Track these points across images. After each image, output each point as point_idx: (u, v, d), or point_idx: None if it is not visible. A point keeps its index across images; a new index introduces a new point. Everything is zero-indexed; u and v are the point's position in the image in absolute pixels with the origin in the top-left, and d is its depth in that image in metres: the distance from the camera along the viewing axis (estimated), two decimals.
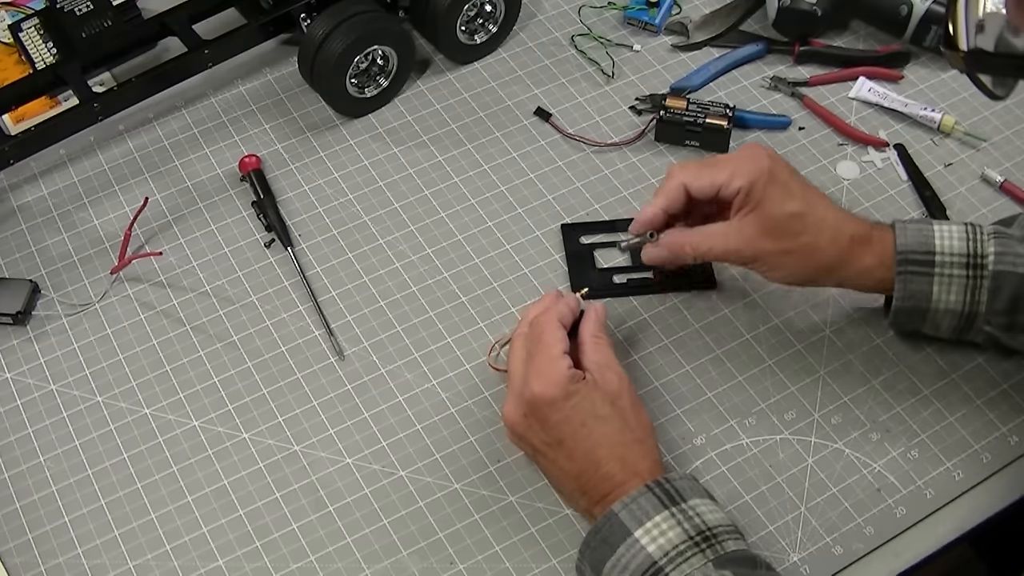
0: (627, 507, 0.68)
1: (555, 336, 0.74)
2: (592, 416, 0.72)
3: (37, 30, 1.00)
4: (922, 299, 0.78)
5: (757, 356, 0.85)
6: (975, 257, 0.77)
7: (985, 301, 0.77)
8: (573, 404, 0.72)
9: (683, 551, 0.66)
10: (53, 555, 0.75)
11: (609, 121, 0.99)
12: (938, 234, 0.77)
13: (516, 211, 0.93)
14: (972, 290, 0.77)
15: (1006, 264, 0.76)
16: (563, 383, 0.72)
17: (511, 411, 0.74)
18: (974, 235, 0.77)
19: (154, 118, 0.99)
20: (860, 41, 1.05)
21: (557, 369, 0.72)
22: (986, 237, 0.77)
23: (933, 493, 0.78)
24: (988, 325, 0.78)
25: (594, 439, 0.72)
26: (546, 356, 0.73)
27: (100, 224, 0.93)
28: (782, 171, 0.79)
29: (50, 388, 0.83)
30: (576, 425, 0.72)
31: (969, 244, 0.77)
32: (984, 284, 0.77)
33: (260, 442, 0.81)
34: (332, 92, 0.97)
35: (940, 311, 0.78)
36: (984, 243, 0.77)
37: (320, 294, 0.88)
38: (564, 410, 0.72)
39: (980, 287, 0.77)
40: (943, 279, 0.77)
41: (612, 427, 0.72)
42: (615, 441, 0.72)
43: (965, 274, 0.77)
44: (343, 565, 0.75)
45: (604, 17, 1.07)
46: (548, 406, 0.72)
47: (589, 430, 0.72)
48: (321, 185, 0.95)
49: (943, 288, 0.77)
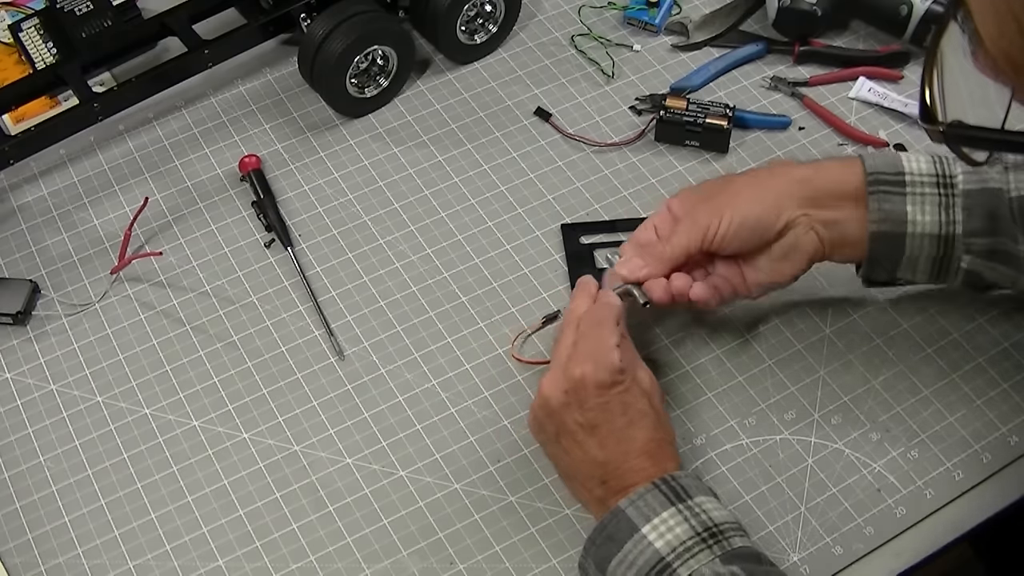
0: (634, 503, 0.69)
1: (613, 329, 0.75)
2: (633, 407, 0.73)
3: (37, 30, 1.00)
4: (898, 219, 0.77)
5: (757, 356, 0.85)
6: (944, 177, 0.77)
7: (961, 220, 0.76)
8: (617, 392, 0.72)
9: (691, 547, 0.66)
10: (53, 555, 0.75)
11: (609, 121, 0.99)
12: (905, 158, 0.78)
13: (516, 211, 0.93)
14: (946, 208, 0.77)
15: (974, 182, 0.77)
16: (614, 370, 0.72)
17: (551, 385, 0.74)
18: (940, 161, 0.78)
19: (154, 118, 0.99)
20: (860, 41, 1.05)
21: (610, 357, 0.73)
22: (952, 161, 0.78)
23: (933, 493, 0.78)
24: (968, 254, 0.77)
25: (630, 431, 0.72)
26: (602, 342, 0.74)
27: (100, 224, 0.93)
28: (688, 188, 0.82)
29: (50, 388, 0.83)
30: (616, 413, 0.72)
31: (936, 166, 0.78)
32: (957, 202, 0.77)
33: (260, 442, 0.81)
34: (332, 92, 0.97)
35: (917, 235, 0.77)
36: (951, 165, 0.78)
37: (320, 294, 0.88)
38: (607, 396, 0.72)
39: (953, 205, 0.77)
40: (915, 197, 0.77)
41: (648, 422, 0.73)
42: (648, 437, 0.72)
43: (937, 192, 0.77)
44: (343, 565, 0.75)
45: (604, 17, 1.07)
46: (595, 388, 0.72)
47: (628, 420, 0.72)
48: (321, 185, 0.95)
49: (917, 206, 0.77)
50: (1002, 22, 0.47)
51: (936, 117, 0.58)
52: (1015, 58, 0.48)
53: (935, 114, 0.58)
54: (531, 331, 0.86)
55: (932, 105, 0.58)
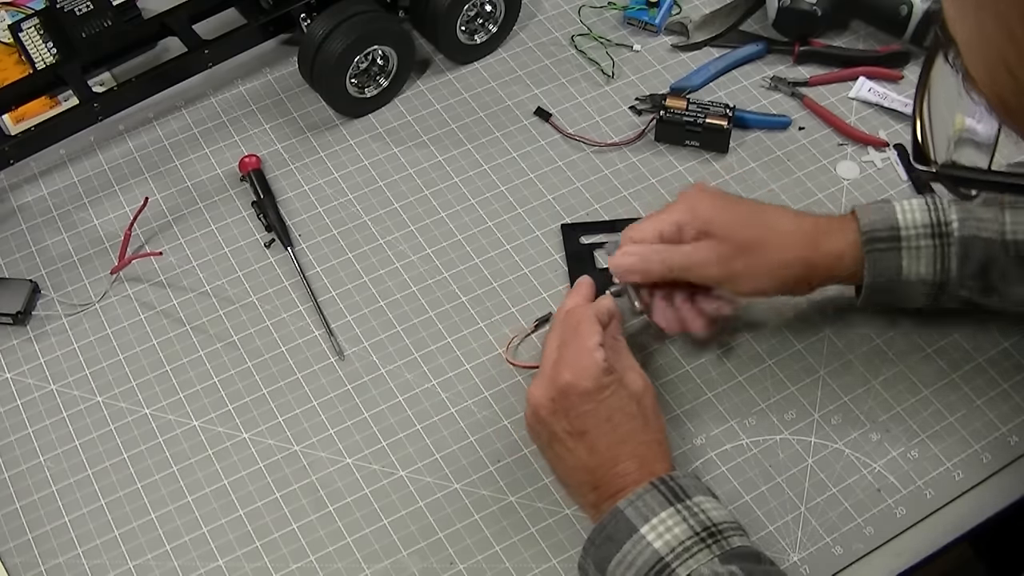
0: (632, 504, 0.69)
1: (592, 328, 0.74)
2: (619, 412, 0.72)
3: (37, 30, 1.00)
4: (892, 273, 0.78)
5: (757, 356, 0.85)
6: (939, 226, 0.77)
7: (955, 268, 0.77)
8: (603, 398, 0.72)
9: (689, 547, 0.66)
10: (53, 555, 0.75)
11: (609, 121, 0.99)
12: (899, 209, 0.78)
13: (516, 211, 0.93)
14: (941, 258, 0.77)
15: (970, 229, 0.77)
16: (597, 375, 0.72)
17: (539, 393, 0.74)
18: (935, 205, 0.78)
19: (154, 118, 0.99)
20: (860, 41, 1.05)
21: (592, 361, 0.72)
22: (947, 205, 0.78)
23: (933, 493, 0.78)
24: (963, 290, 0.78)
25: (618, 435, 0.72)
26: (582, 346, 0.73)
27: (100, 224, 0.93)
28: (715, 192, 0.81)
29: (50, 388, 0.83)
30: (602, 419, 0.72)
31: (931, 214, 0.78)
32: (952, 251, 0.77)
33: (260, 442, 0.81)
34: (332, 92, 0.97)
35: (912, 282, 0.78)
36: (946, 211, 0.78)
37: (320, 294, 0.88)
38: (593, 402, 0.72)
39: (948, 254, 0.77)
40: (911, 251, 0.77)
41: (636, 425, 0.73)
42: (638, 440, 0.72)
43: (932, 243, 0.77)
44: (343, 565, 0.75)
45: (604, 17, 1.07)
46: (579, 396, 0.72)
47: (614, 425, 0.72)
48: (321, 185, 0.95)
49: (912, 260, 0.77)
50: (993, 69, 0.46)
51: (929, 156, 0.57)
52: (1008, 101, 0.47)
53: (928, 153, 0.57)
54: (522, 337, 0.85)
55: (924, 144, 0.57)
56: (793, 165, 0.96)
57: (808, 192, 0.94)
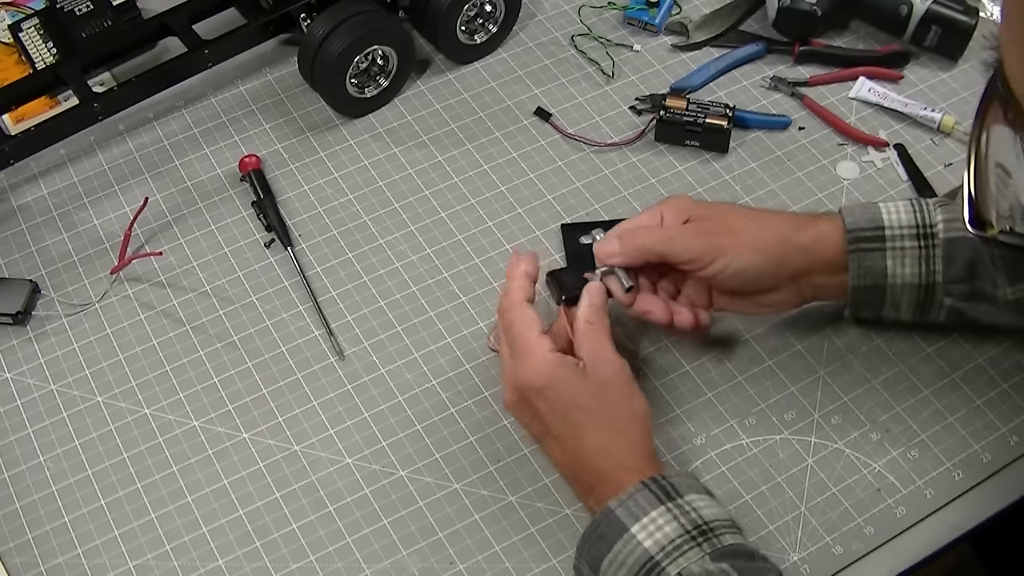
0: (623, 504, 0.69)
1: (525, 320, 0.73)
2: (573, 407, 0.72)
3: (37, 30, 1.00)
4: (878, 275, 0.77)
5: (757, 356, 0.85)
6: (925, 227, 0.77)
7: (941, 270, 0.77)
8: (555, 393, 0.72)
9: (679, 545, 0.66)
10: (53, 555, 0.75)
11: (609, 121, 0.99)
12: (884, 210, 0.78)
13: (516, 211, 0.93)
14: (926, 260, 0.77)
15: (956, 230, 0.77)
16: (544, 370, 0.71)
17: (507, 397, 0.74)
18: (920, 207, 0.78)
19: (154, 118, 0.99)
20: (860, 41, 1.05)
21: (536, 355, 0.72)
22: (933, 207, 0.78)
23: (933, 493, 0.78)
24: (949, 297, 0.78)
25: (577, 431, 0.72)
26: (523, 344, 0.73)
27: (100, 224, 0.93)
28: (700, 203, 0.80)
29: (50, 388, 0.83)
30: (559, 417, 0.72)
31: (917, 216, 0.77)
32: (937, 253, 0.77)
33: (260, 442, 0.81)
34: (332, 92, 0.97)
35: (897, 286, 0.78)
36: (932, 213, 0.77)
37: (320, 294, 0.88)
38: (548, 400, 0.72)
39: (934, 256, 0.77)
40: (895, 252, 0.77)
41: (594, 419, 0.72)
42: (597, 433, 0.71)
43: (917, 244, 0.77)
44: (343, 565, 0.75)
45: (604, 17, 1.07)
46: (534, 395, 0.72)
47: (572, 422, 0.72)
48: (321, 185, 0.95)
49: (897, 261, 0.77)
50: None
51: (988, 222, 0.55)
52: None
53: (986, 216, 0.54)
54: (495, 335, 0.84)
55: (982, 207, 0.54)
56: (793, 165, 0.96)
57: (808, 192, 0.94)
